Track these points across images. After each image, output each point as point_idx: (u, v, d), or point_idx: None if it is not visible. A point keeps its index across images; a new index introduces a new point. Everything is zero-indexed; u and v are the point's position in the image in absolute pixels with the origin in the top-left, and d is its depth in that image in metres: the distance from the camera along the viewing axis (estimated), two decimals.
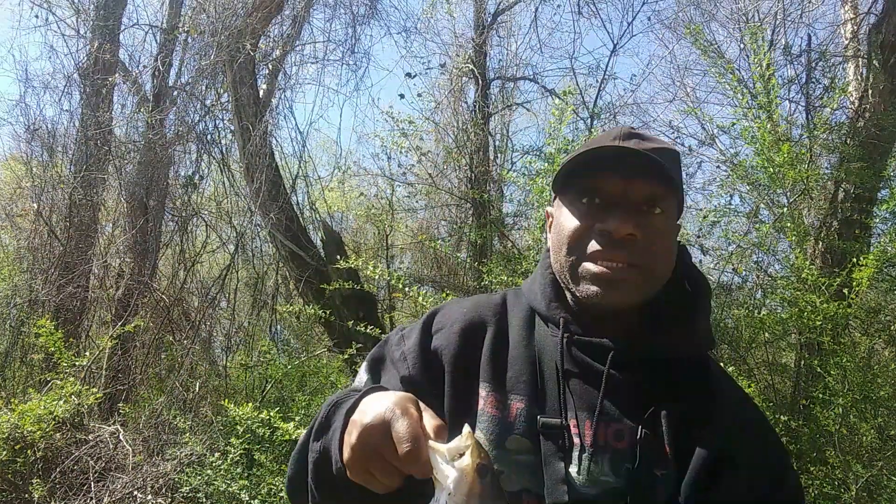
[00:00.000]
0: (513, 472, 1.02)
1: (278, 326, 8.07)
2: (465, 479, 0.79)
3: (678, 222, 1.20)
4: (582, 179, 1.12)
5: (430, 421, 0.85)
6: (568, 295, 1.14)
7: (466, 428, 0.83)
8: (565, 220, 1.13)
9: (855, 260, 4.03)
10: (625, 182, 1.08)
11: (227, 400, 4.69)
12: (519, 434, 1.05)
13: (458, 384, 1.11)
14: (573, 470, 1.03)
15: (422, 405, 0.89)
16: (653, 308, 1.11)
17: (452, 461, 0.80)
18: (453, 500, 0.79)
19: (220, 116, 7.65)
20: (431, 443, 0.82)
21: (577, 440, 1.06)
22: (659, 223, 1.08)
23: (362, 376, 1.22)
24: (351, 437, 0.88)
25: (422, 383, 1.11)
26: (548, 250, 1.23)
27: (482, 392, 1.10)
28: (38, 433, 4.48)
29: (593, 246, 1.06)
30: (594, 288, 1.05)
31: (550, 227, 1.22)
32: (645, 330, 1.11)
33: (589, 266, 1.06)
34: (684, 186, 1.24)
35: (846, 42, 6.77)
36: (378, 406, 0.86)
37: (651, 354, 1.09)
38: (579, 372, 1.10)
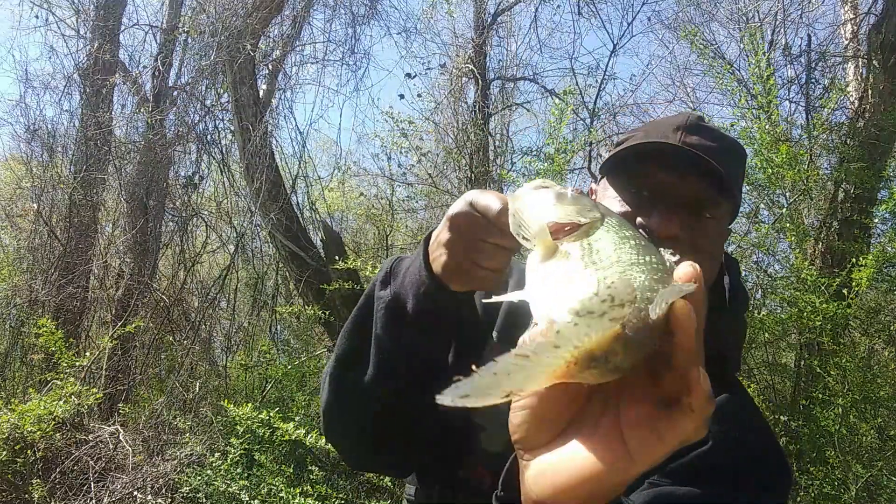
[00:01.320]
0: (495, 430, 0.98)
1: (278, 327, 8.07)
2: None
3: (730, 226, 1.13)
4: (633, 166, 1.05)
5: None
6: None
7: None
8: (608, 205, 1.03)
9: (854, 260, 4.03)
10: (678, 177, 1.01)
11: (226, 400, 4.69)
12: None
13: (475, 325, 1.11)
14: None
15: None
16: None
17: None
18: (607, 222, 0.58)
19: (220, 117, 7.66)
20: (527, 187, 0.69)
21: None
22: (708, 227, 1.02)
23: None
24: (441, 239, 0.85)
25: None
26: None
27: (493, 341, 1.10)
28: (37, 433, 4.48)
29: None
30: None
31: None
32: None
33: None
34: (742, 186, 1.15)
35: (846, 42, 6.77)
36: (452, 208, 0.83)
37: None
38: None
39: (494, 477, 0.96)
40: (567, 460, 0.55)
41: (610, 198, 1.07)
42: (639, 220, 1.01)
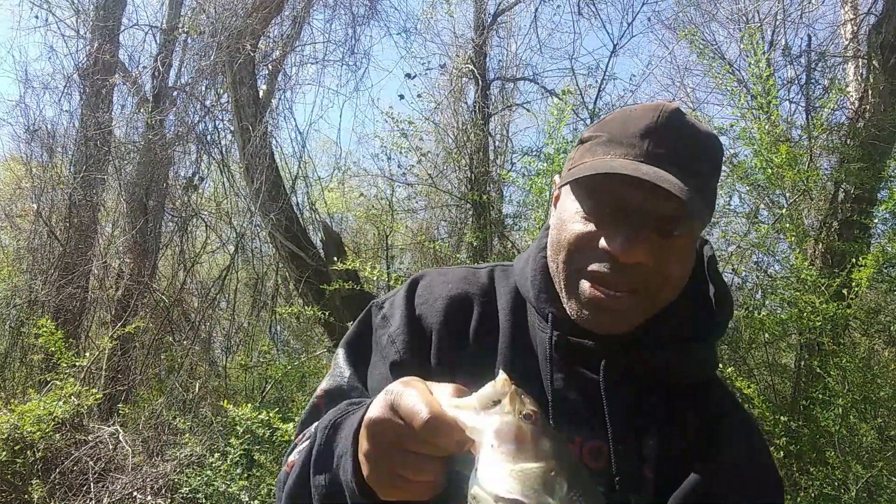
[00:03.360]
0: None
1: (278, 327, 8.07)
2: (510, 425, 0.65)
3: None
4: (597, 178, 0.91)
5: (443, 387, 0.73)
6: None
7: (501, 374, 0.70)
8: (569, 218, 0.96)
9: (854, 260, 4.03)
10: (646, 193, 0.88)
11: (226, 400, 4.69)
12: None
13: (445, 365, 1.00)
14: None
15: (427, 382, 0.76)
16: (660, 317, 0.96)
17: (485, 411, 0.67)
18: (499, 451, 0.64)
19: (220, 117, 7.66)
20: (455, 400, 0.69)
21: None
22: (676, 246, 0.91)
23: (343, 368, 1.08)
24: (363, 447, 0.76)
25: (414, 365, 0.98)
26: (547, 227, 1.06)
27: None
28: (37, 434, 4.48)
29: (594, 266, 0.91)
30: (585, 312, 0.93)
31: (556, 204, 1.04)
32: (645, 341, 0.96)
33: (584, 286, 0.92)
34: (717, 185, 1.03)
35: (846, 42, 6.78)
36: (377, 400, 0.74)
37: (645, 372, 0.96)
38: (564, 376, 0.97)
39: None
40: None
41: (571, 211, 0.96)
42: (602, 242, 0.90)
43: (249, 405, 4.30)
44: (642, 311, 0.94)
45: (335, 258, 5.15)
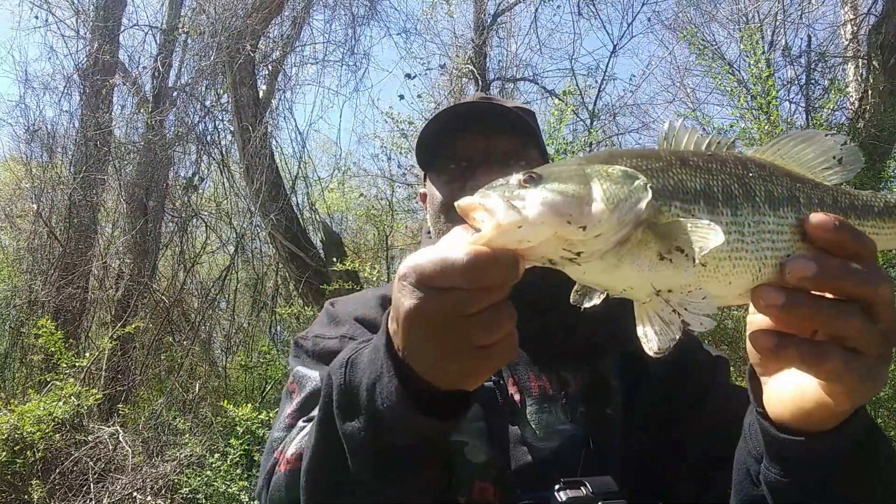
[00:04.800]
0: (476, 440, 0.98)
1: (278, 327, 8.07)
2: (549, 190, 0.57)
3: None
4: (442, 148, 1.16)
5: (448, 236, 0.64)
6: None
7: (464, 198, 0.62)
8: (437, 191, 1.16)
9: None
10: (485, 140, 1.13)
11: (226, 401, 4.69)
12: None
13: None
14: (529, 428, 1.01)
15: None
16: None
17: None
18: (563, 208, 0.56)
19: (220, 117, 7.67)
20: (473, 234, 0.59)
21: (519, 396, 1.04)
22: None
23: (311, 374, 1.07)
24: (414, 349, 0.66)
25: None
26: (427, 232, 1.25)
27: None
28: (37, 434, 4.48)
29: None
30: None
31: (426, 206, 1.24)
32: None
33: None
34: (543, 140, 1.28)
35: (846, 43, 6.78)
36: (396, 293, 0.64)
37: (569, 291, 1.01)
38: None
39: (495, 486, 0.95)
40: (789, 388, 0.69)
41: (432, 189, 1.17)
42: (468, 184, 1.07)
43: (249, 405, 4.31)
44: None
45: (335, 258, 5.15)
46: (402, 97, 8.29)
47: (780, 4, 7.06)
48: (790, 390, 0.69)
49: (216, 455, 4.48)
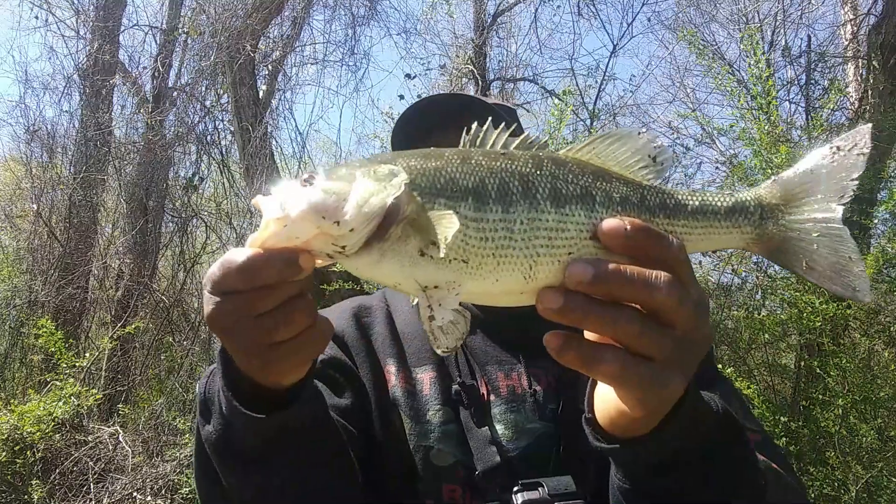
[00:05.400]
0: (444, 445, 1.00)
1: None
2: (312, 192, 0.60)
3: None
4: (420, 146, 1.14)
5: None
6: None
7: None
8: None
9: None
10: (460, 133, 1.10)
11: None
12: (439, 405, 1.03)
13: (365, 363, 1.09)
14: (499, 428, 1.01)
15: None
16: None
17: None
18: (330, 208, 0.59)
19: (220, 117, 7.67)
20: (253, 236, 0.61)
21: (491, 396, 1.04)
22: None
23: None
24: (226, 346, 0.70)
25: (344, 362, 1.07)
26: None
27: (391, 368, 1.09)
28: (37, 434, 4.48)
29: None
30: None
31: None
32: None
33: None
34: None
35: (846, 43, 6.78)
36: (204, 306, 0.66)
37: None
38: (476, 328, 1.09)
39: (464, 487, 0.97)
40: (602, 394, 0.70)
41: None
42: None
43: None
44: None
45: None
46: (402, 97, 8.29)
47: (780, 5, 7.06)
48: (605, 395, 0.70)
49: None
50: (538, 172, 0.65)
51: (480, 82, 7.96)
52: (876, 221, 5.01)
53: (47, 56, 8.84)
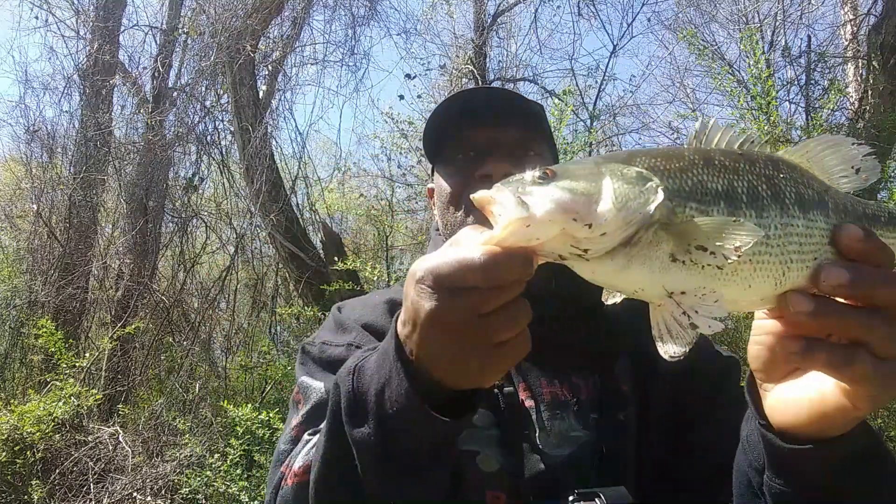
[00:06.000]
0: (487, 449, 0.98)
1: (278, 327, 8.06)
2: (556, 189, 0.58)
3: None
4: (449, 139, 1.14)
5: (460, 236, 0.65)
6: None
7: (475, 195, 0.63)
8: (445, 182, 1.14)
9: None
10: (493, 130, 1.10)
11: (226, 401, 4.68)
12: (482, 409, 0.98)
13: None
14: (541, 435, 1.00)
15: None
16: None
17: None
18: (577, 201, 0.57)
19: (220, 118, 7.66)
20: (483, 234, 0.60)
21: (532, 402, 1.02)
22: (536, 163, 0.96)
23: (316, 385, 1.05)
24: (429, 350, 0.67)
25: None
26: (436, 229, 1.22)
27: None
28: (37, 434, 4.48)
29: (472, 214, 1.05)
30: None
31: (434, 201, 1.21)
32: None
33: (478, 214, 0.91)
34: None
35: (846, 43, 6.78)
36: (411, 295, 0.65)
37: (579, 298, 1.00)
38: None
39: (508, 493, 0.95)
40: (806, 393, 0.68)
41: (440, 181, 1.15)
42: (477, 173, 1.06)
43: (249, 406, 4.30)
44: None
45: (335, 258, 5.15)
46: (402, 97, 8.30)
47: (780, 5, 7.06)
48: (807, 395, 0.69)
49: (216, 455, 4.48)
50: (780, 176, 0.65)
51: (480, 82, 7.96)
52: None
53: (47, 56, 8.85)
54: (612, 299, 0.69)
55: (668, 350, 0.62)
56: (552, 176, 0.60)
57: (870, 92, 5.39)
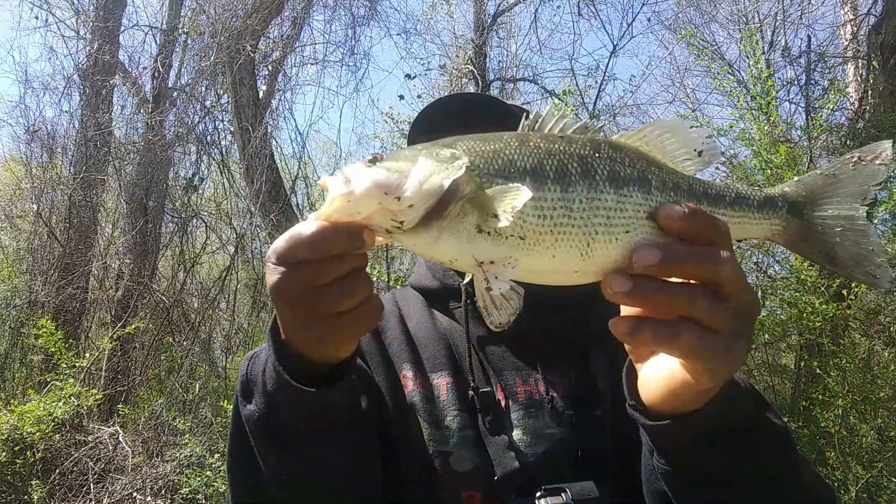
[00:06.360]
0: (462, 450, 0.99)
1: None
2: (378, 170, 0.64)
3: None
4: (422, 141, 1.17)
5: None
6: None
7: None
8: None
9: None
10: (460, 130, 1.13)
11: (226, 401, 4.68)
12: (456, 410, 1.03)
13: (380, 367, 1.08)
14: (516, 434, 1.01)
15: None
16: None
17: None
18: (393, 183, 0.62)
19: (220, 118, 7.66)
20: (318, 211, 0.65)
21: (509, 402, 1.04)
22: None
23: None
24: (283, 324, 0.73)
25: (359, 366, 1.05)
26: None
27: (408, 373, 1.08)
28: (37, 434, 4.48)
29: None
30: None
31: None
32: None
33: None
34: None
35: (846, 43, 6.78)
36: (266, 273, 0.69)
37: (556, 298, 1.00)
38: (491, 335, 1.10)
39: (483, 493, 0.97)
40: (660, 371, 0.72)
41: None
42: None
43: None
44: None
45: None
46: (402, 97, 8.32)
47: (780, 5, 7.06)
48: (662, 373, 0.72)
49: (216, 455, 4.48)
50: (597, 155, 0.68)
51: (480, 82, 7.96)
52: (876, 221, 5.01)
53: (47, 56, 8.87)
54: (466, 278, 0.73)
55: (493, 320, 0.66)
56: (381, 160, 0.66)
57: (870, 92, 5.39)
